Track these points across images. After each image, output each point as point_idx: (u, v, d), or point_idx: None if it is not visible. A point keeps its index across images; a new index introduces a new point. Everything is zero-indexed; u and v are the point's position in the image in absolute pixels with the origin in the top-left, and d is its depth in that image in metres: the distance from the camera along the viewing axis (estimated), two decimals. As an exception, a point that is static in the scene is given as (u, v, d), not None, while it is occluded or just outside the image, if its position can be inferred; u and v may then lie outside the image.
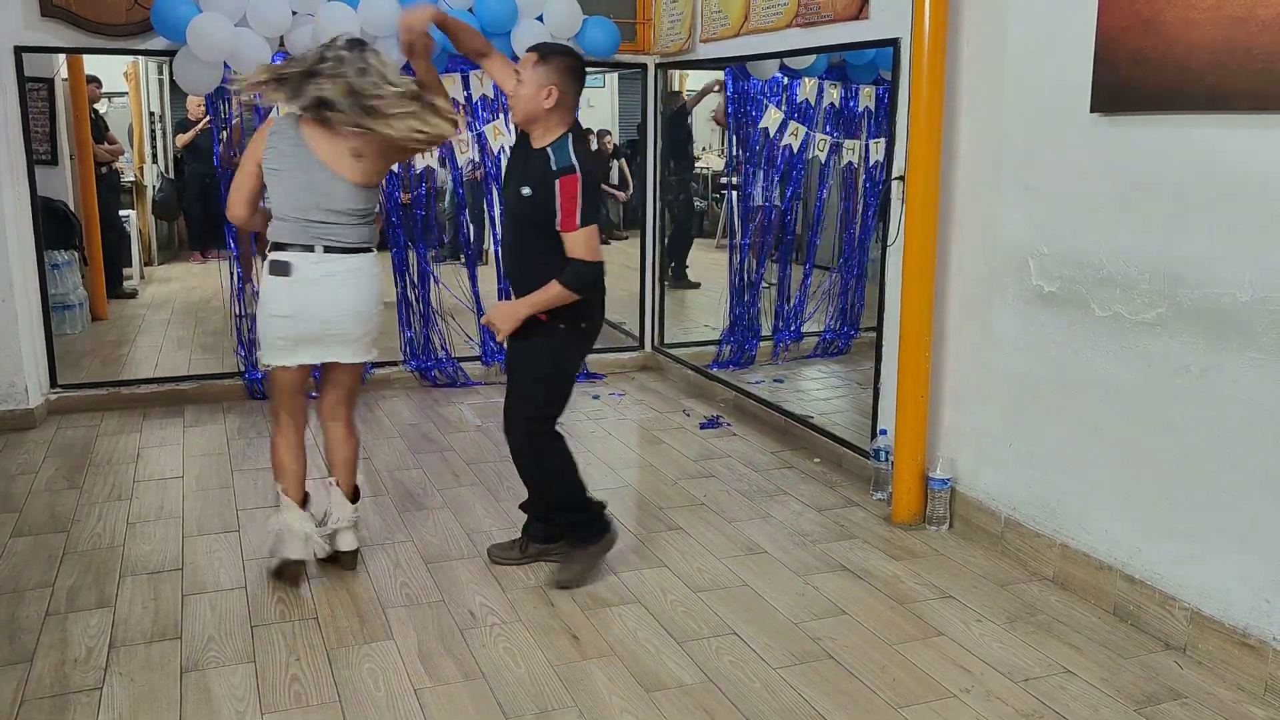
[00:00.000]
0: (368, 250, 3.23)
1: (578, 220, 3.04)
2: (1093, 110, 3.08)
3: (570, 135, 3.11)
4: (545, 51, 3.13)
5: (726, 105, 5.85)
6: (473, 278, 5.73)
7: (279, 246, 3.16)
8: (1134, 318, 3.03)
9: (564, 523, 3.40)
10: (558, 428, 3.34)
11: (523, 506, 3.55)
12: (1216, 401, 2.82)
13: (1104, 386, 3.15)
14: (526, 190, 3.09)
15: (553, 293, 3.08)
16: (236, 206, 3.21)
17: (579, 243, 3.06)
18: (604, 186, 11.35)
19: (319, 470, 3.87)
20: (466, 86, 5.37)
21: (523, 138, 3.23)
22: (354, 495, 3.44)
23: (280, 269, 3.14)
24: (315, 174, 3.10)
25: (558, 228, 3.06)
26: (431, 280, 5.61)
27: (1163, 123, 2.91)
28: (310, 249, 3.14)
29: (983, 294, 3.62)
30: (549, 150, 3.08)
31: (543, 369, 3.25)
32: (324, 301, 3.14)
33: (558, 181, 3.03)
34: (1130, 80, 2.94)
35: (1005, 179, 3.48)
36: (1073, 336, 3.25)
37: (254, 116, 5.17)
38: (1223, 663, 2.82)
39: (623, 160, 11.08)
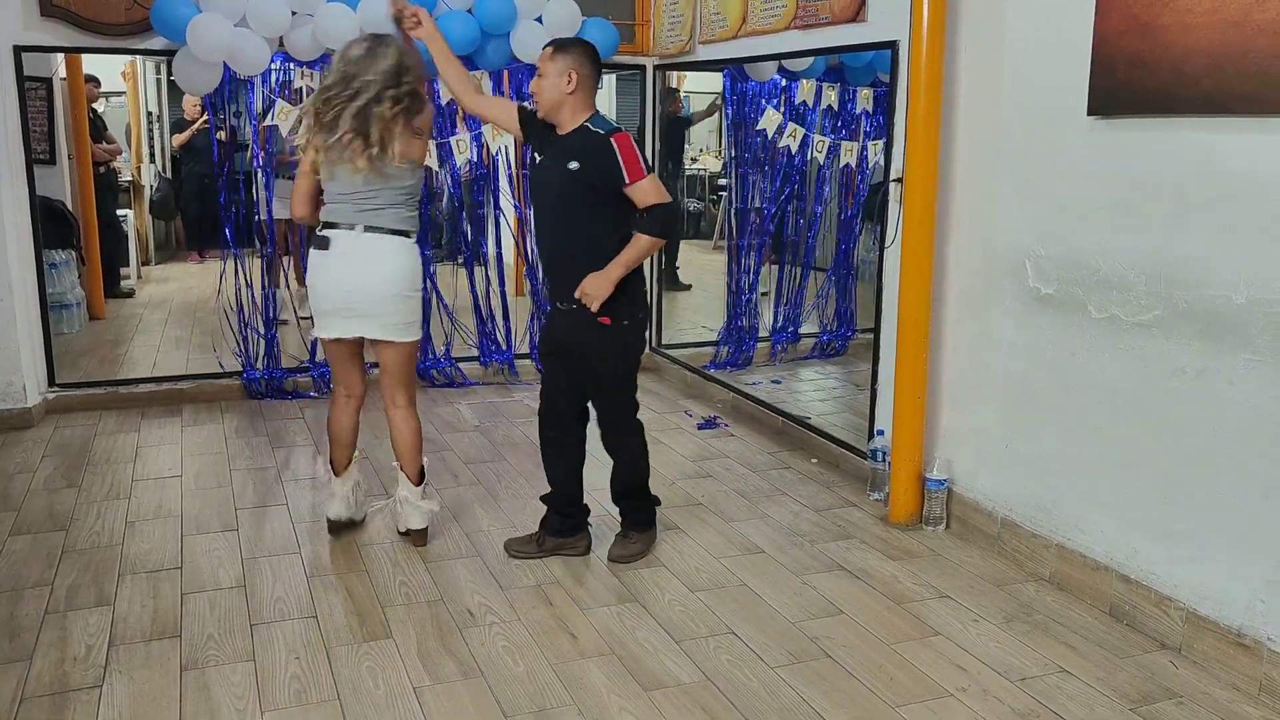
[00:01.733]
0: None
1: (644, 168, 3.17)
2: (1090, 113, 3.09)
3: (599, 114, 3.29)
4: (560, 44, 3.30)
5: (725, 106, 5.87)
6: (470, 278, 5.74)
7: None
8: (1131, 319, 3.04)
9: (638, 505, 3.59)
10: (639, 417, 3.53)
11: (545, 499, 3.59)
12: (1213, 403, 2.83)
13: (1101, 388, 3.17)
14: (574, 165, 3.18)
15: (642, 244, 3.20)
16: None
17: (649, 190, 3.18)
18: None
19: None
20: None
21: (545, 130, 3.33)
22: (418, 478, 3.59)
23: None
24: None
25: (625, 182, 3.15)
26: (428, 281, 5.61)
27: (1159, 126, 2.92)
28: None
29: (980, 295, 3.64)
30: (587, 124, 3.23)
31: (620, 366, 3.41)
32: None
33: (613, 140, 3.16)
34: (1127, 83, 2.95)
35: (1003, 181, 3.50)
36: (1070, 338, 3.26)
37: (249, 118, 5.17)
38: (1218, 663, 2.84)
39: None
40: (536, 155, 3.37)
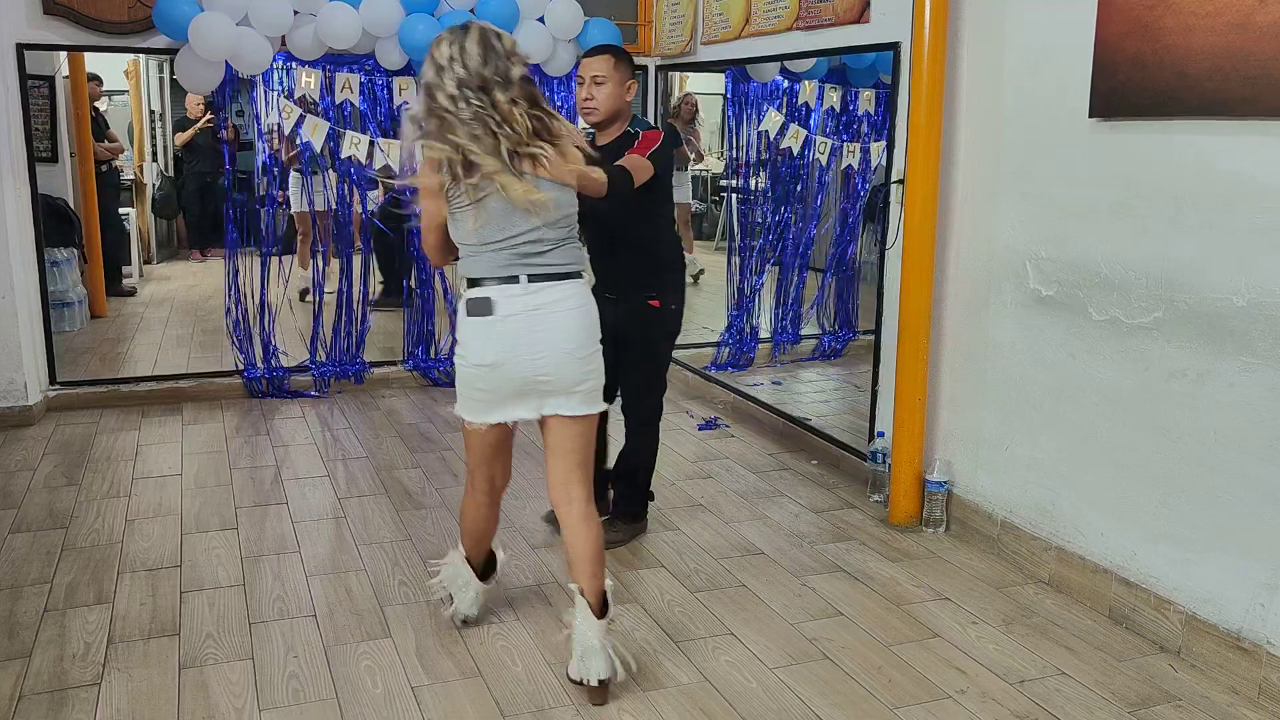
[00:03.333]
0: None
1: (647, 154, 3.20)
2: (1091, 115, 3.09)
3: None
4: (617, 51, 3.39)
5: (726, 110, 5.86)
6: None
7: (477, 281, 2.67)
8: (1131, 322, 3.04)
9: (632, 496, 3.69)
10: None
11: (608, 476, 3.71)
12: (1212, 406, 2.83)
13: (1101, 390, 3.16)
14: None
15: (596, 175, 2.74)
16: None
17: (637, 164, 3.13)
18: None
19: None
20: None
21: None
22: (601, 607, 2.67)
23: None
24: None
25: (631, 148, 3.23)
26: (438, 279, 5.63)
27: (1160, 128, 2.92)
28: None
29: (981, 297, 3.63)
30: (630, 130, 3.37)
31: (662, 352, 3.64)
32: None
33: (643, 132, 3.30)
34: (1128, 85, 2.95)
35: (1004, 183, 3.50)
36: (1070, 340, 3.26)
37: (252, 118, 5.17)
38: (1217, 666, 2.83)
39: None
40: None
